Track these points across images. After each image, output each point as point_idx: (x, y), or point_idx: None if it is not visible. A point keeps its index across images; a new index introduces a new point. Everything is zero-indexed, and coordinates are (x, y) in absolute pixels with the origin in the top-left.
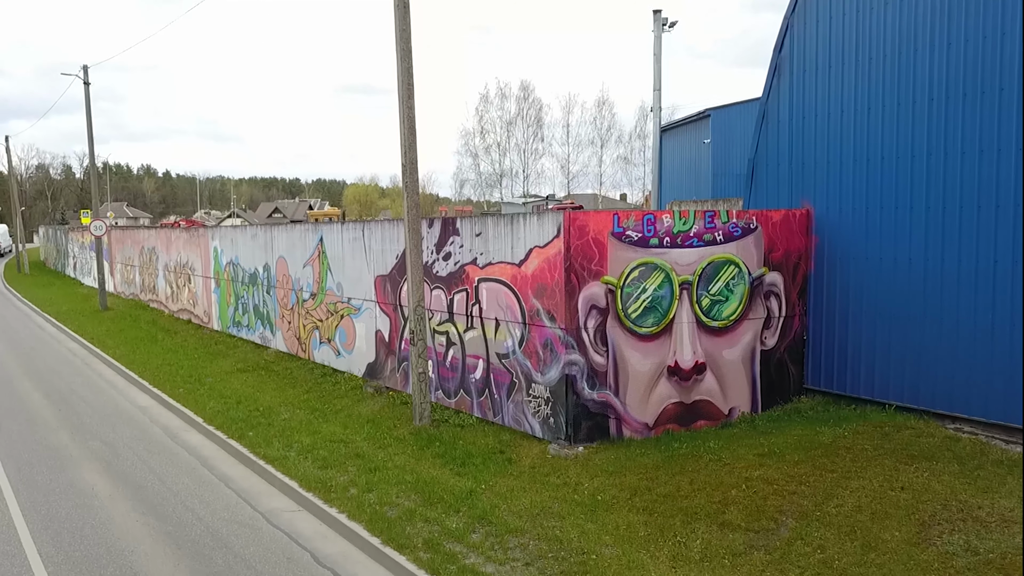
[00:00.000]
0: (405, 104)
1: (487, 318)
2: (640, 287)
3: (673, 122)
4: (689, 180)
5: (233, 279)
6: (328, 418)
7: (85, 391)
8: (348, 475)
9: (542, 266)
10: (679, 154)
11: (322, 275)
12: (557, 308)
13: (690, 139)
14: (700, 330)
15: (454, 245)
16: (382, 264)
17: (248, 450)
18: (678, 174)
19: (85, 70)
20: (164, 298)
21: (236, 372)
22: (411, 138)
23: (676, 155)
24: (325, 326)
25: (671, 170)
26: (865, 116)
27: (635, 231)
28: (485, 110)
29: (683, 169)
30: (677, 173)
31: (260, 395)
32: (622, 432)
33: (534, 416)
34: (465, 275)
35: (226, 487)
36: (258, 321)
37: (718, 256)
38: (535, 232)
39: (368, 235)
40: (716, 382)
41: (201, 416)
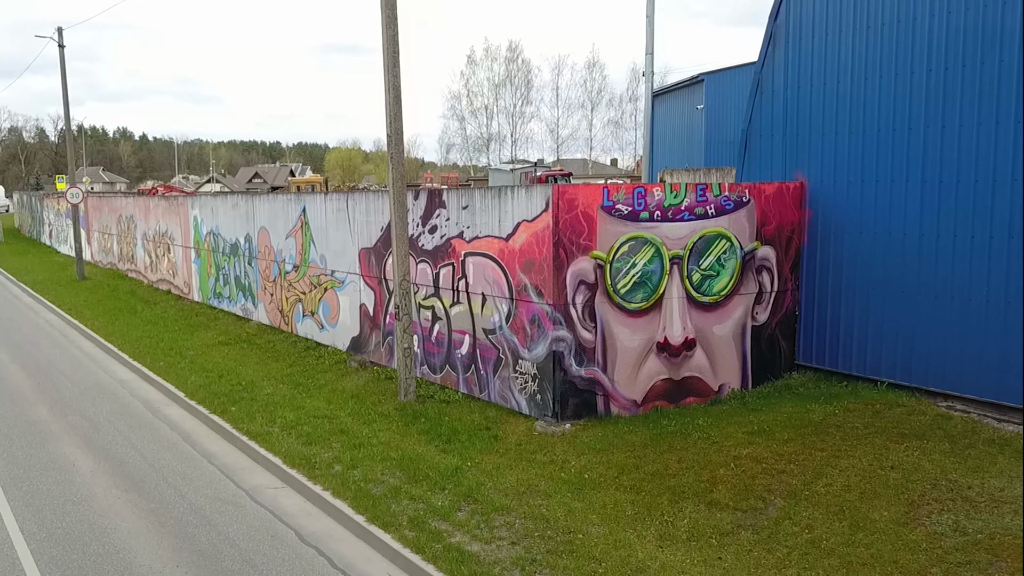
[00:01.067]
0: (390, 73)
1: (474, 293)
2: (630, 262)
3: (666, 87)
4: (682, 147)
5: (214, 249)
6: (312, 393)
7: (64, 364)
8: (332, 451)
9: (530, 240)
10: (672, 120)
11: (305, 247)
12: (545, 283)
13: (683, 104)
14: (690, 305)
15: (440, 218)
16: (366, 236)
17: (231, 425)
18: (670, 141)
19: (60, 32)
20: (143, 268)
21: (218, 345)
22: (396, 108)
23: (668, 121)
24: (308, 299)
25: (663, 137)
26: (862, 86)
27: (625, 205)
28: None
29: (676, 136)
30: (669, 140)
31: (243, 369)
32: (610, 409)
33: (521, 393)
34: (451, 249)
35: (209, 463)
36: (240, 293)
37: (709, 230)
38: (523, 206)
39: (352, 206)
40: (706, 358)
41: (183, 390)
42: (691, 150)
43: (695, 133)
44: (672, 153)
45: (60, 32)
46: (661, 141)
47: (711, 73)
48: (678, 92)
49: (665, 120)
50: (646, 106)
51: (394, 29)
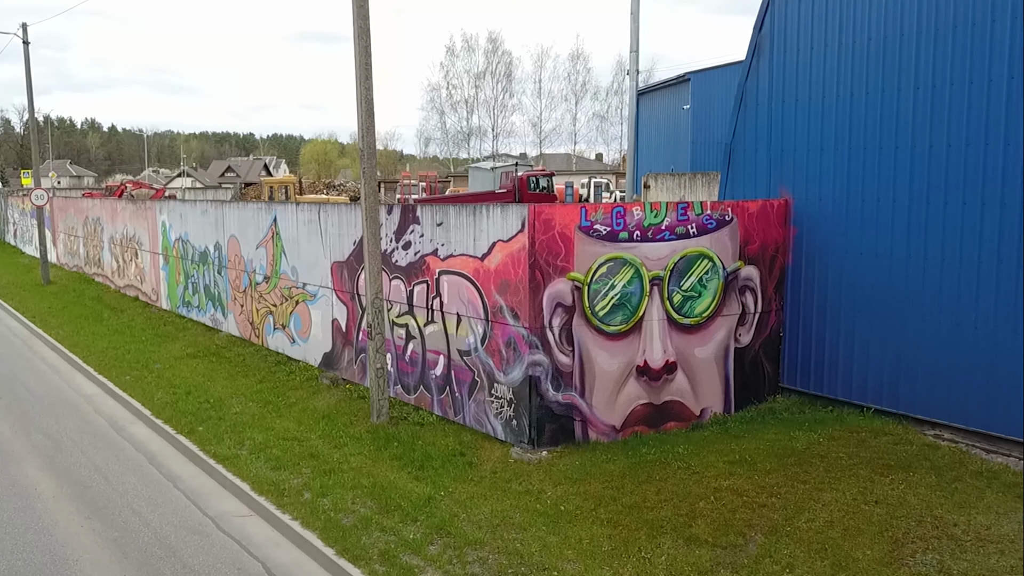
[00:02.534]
0: (363, 85)
1: (448, 312)
2: (608, 283)
3: (651, 85)
4: (667, 148)
5: (183, 256)
6: (282, 412)
7: (27, 376)
8: (302, 477)
9: (505, 261)
10: (657, 120)
11: (276, 258)
12: (521, 306)
13: (669, 104)
14: (671, 328)
15: (414, 234)
16: (339, 250)
17: (198, 447)
18: (656, 141)
19: (24, 28)
20: (110, 272)
21: (186, 358)
22: (369, 121)
23: (654, 121)
24: (279, 311)
25: (648, 137)
26: (847, 102)
27: (603, 225)
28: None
29: (661, 136)
30: (655, 140)
31: (211, 384)
32: (588, 435)
33: (496, 417)
34: (426, 266)
35: (175, 487)
36: (209, 302)
37: (691, 250)
38: (498, 225)
39: (324, 218)
40: (687, 382)
41: (149, 408)
42: (677, 151)
43: (681, 133)
44: (657, 154)
45: (25, 28)
46: (646, 141)
47: (697, 72)
48: (663, 91)
49: (650, 119)
50: (631, 106)
51: (366, 40)
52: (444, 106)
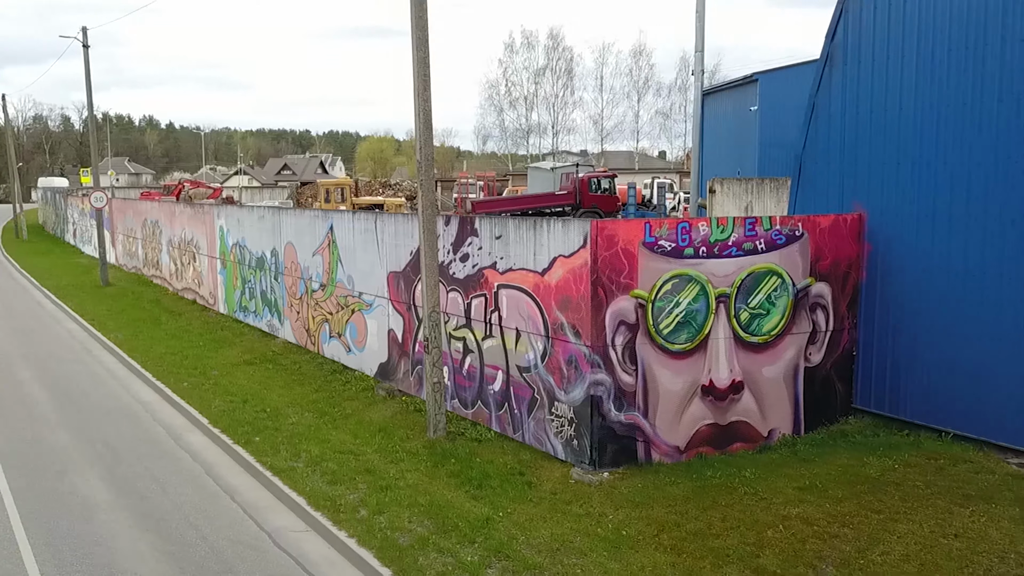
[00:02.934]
0: (421, 97)
1: (507, 327)
2: (673, 301)
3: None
4: (733, 150)
5: (240, 261)
6: (338, 424)
7: (85, 381)
8: (358, 493)
9: (567, 277)
10: (723, 121)
11: (332, 266)
12: (583, 323)
13: (735, 105)
14: (738, 346)
15: (472, 246)
16: (395, 260)
17: (254, 458)
18: (721, 143)
19: (84, 32)
20: (168, 275)
21: (243, 364)
22: (427, 134)
23: (719, 122)
24: (335, 320)
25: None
26: (927, 114)
27: (668, 240)
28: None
29: (727, 138)
30: (720, 142)
31: (267, 393)
32: (651, 456)
33: (556, 436)
34: (484, 279)
35: (231, 500)
36: (266, 308)
37: (759, 266)
38: (559, 240)
39: (380, 228)
40: (754, 402)
41: (206, 416)
42: (743, 153)
43: (747, 135)
44: (723, 156)
45: (85, 32)
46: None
47: (765, 73)
48: (729, 92)
49: (715, 121)
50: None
51: (424, 51)
52: (503, 103)
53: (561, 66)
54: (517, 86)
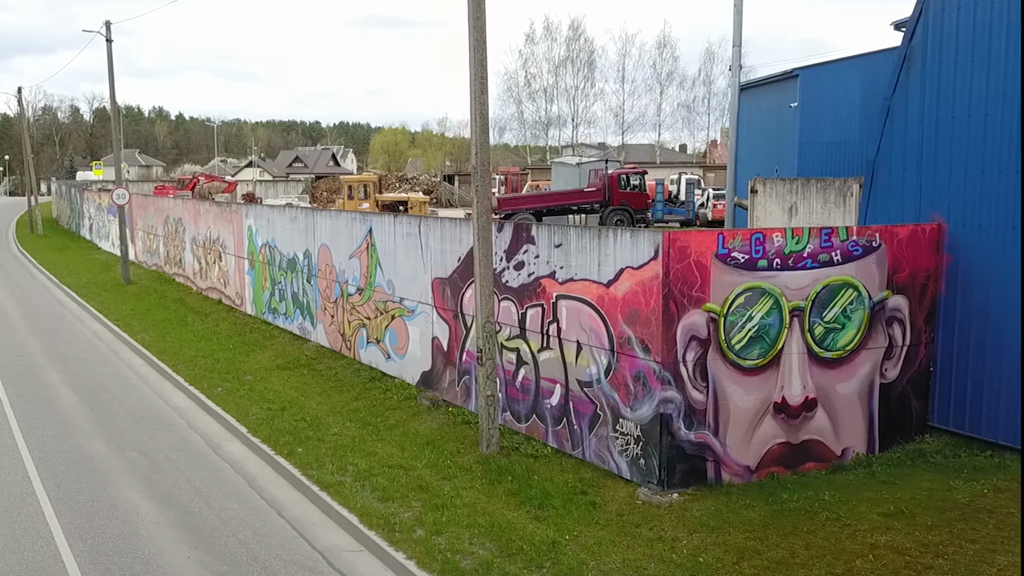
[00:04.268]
0: (478, 100)
1: (567, 340)
2: (746, 315)
3: (753, 80)
4: (770, 148)
5: (269, 262)
6: (382, 435)
7: (116, 386)
8: (412, 511)
9: (635, 290)
10: (759, 117)
11: (371, 270)
12: (652, 338)
13: (772, 101)
14: (811, 362)
15: (528, 254)
16: (441, 265)
17: (299, 471)
18: (757, 141)
19: (108, 27)
20: (192, 274)
21: (276, 369)
22: (484, 138)
23: (755, 118)
24: (373, 325)
25: (748, 136)
26: (1014, 121)
27: (741, 252)
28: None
29: (763, 135)
30: (756, 140)
31: (305, 400)
32: (721, 476)
33: (621, 455)
34: (541, 289)
35: (279, 516)
36: (297, 310)
37: (835, 279)
38: (627, 251)
39: (425, 232)
40: (828, 419)
41: (244, 424)
42: (781, 151)
43: (786, 133)
44: (758, 154)
45: (108, 26)
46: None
47: (806, 68)
48: (766, 88)
49: (751, 117)
50: (732, 104)
51: (482, 53)
52: (522, 95)
53: (582, 58)
54: (537, 77)
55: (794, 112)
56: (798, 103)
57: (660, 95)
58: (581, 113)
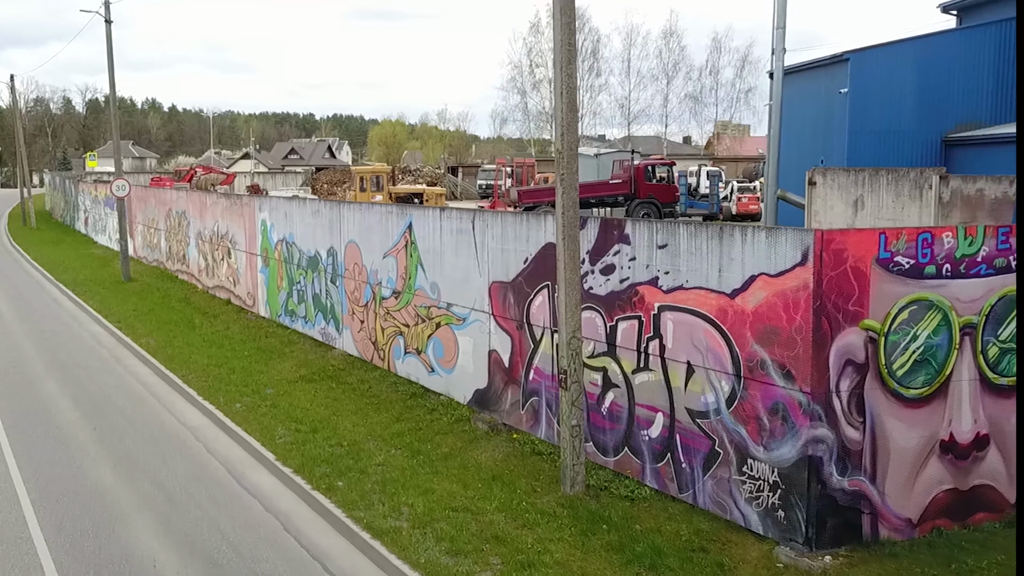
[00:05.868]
0: (564, 72)
1: (673, 360)
2: (909, 333)
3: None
4: (813, 137)
5: (287, 260)
6: (437, 467)
7: (121, 398)
8: (492, 571)
9: (772, 302)
10: (800, 105)
11: (410, 271)
12: (797, 363)
13: (817, 88)
14: (984, 390)
15: (620, 256)
16: (502, 268)
17: (343, 512)
18: (798, 130)
19: (107, 6)
20: (196, 271)
21: (300, 381)
22: (571, 116)
23: (796, 106)
24: (413, 333)
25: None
26: None
27: (906, 256)
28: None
29: (805, 124)
30: (796, 128)
31: (338, 420)
32: (878, 531)
33: (750, 503)
34: (637, 298)
35: (324, 571)
36: (319, 314)
37: (1011, 288)
38: (762, 254)
39: (481, 228)
40: (1001, 460)
41: (270, 449)
42: (827, 141)
43: (833, 122)
44: (799, 143)
45: (107, 6)
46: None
47: (858, 52)
48: (810, 73)
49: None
50: (775, 90)
51: (570, 15)
52: (526, 86)
53: (587, 47)
54: (541, 68)
55: (843, 99)
56: (848, 89)
57: (667, 86)
58: (586, 104)
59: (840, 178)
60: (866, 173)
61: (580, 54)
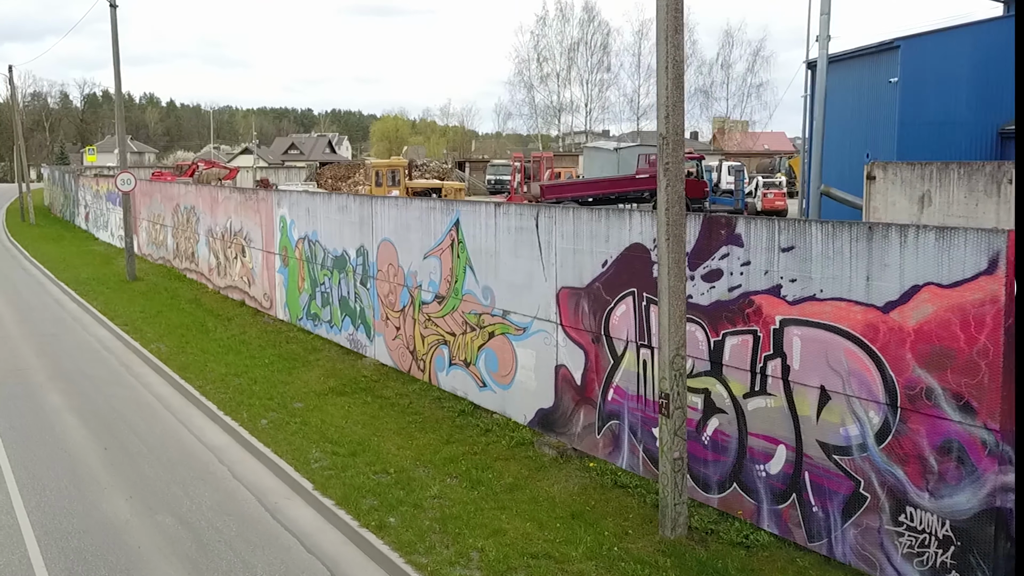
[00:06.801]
0: (670, 42)
1: (801, 383)
2: None
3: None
4: (857, 129)
5: (309, 259)
6: (503, 502)
7: (132, 413)
8: None
9: (944, 318)
10: (843, 96)
11: (457, 273)
12: (980, 393)
13: (861, 77)
14: None
15: (729, 260)
16: (574, 271)
17: (400, 556)
18: (838, 122)
19: None
20: (207, 269)
21: (330, 394)
22: (677, 95)
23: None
24: (460, 343)
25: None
26: None
27: None
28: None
29: (847, 116)
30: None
31: (380, 442)
32: None
33: (910, 560)
34: (752, 309)
35: None
36: (347, 318)
37: None
38: (930, 259)
39: (547, 226)
40: None
41: (306, 475)
42: (874, 133)
43: (881, 113)
44: (841, 137)
45: None
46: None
47: (909, 38)
48: (854, 61)
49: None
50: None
51: None
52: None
53: (597, 40)
54: (549, 61)
55: (892, 88)
56: (899, 78)
57: None
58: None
59: (903, 172)
60: (934, 167)
61: (588, 48)
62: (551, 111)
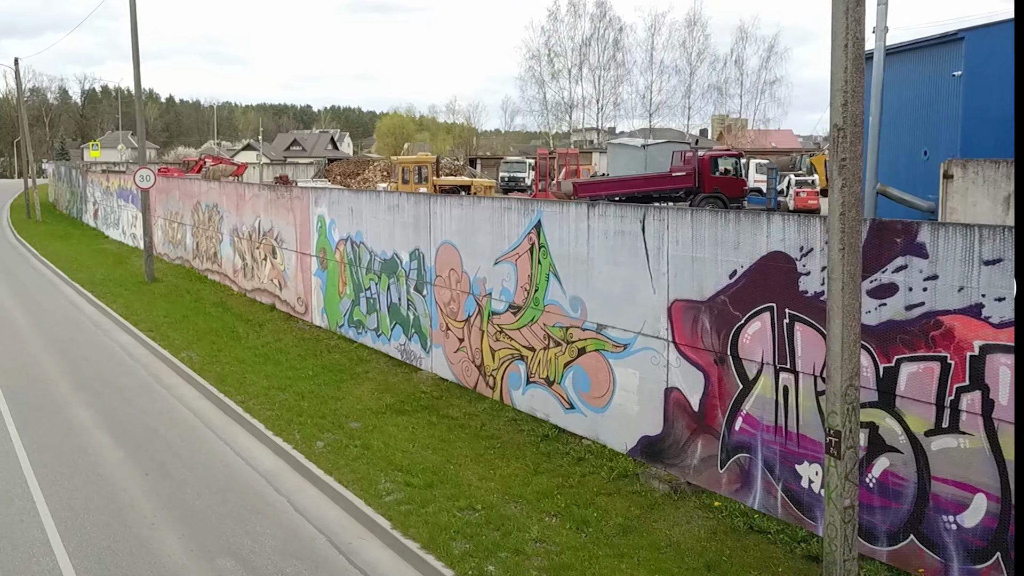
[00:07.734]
0: (850, 15)
1: (1009, 422)
2: None
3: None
4: (915, 124)
5: (352, 262)
6: (618, 547)
7: (169, 431)
8: None
9: None
10: (900, 89)
11: (538, 280)
12: None
13: (919, 71)
14: None
15: (907, 272)
16: (691, 282)
17: None
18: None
19: None
20: (231, 271)
21: (388, 412)
22: (857, 78)
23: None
24: (541, 358)
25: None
26: None
27: None
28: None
29: (901, 112)
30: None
31: (457, 471)
32: None
33: None
34: (940, 332)
35: None
36: (398, 327)
37: None
38: None
39: (657, 230)
40: None
41: (379, 510)
42: (934, 128)
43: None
44: (894, 134)
45: None
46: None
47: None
48: (911, 54)
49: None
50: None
51: None
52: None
53: (609, 36)
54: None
55: (956, 82)
56: (963, 72)
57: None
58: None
59: (986, 171)
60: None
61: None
62: (562, 107)
